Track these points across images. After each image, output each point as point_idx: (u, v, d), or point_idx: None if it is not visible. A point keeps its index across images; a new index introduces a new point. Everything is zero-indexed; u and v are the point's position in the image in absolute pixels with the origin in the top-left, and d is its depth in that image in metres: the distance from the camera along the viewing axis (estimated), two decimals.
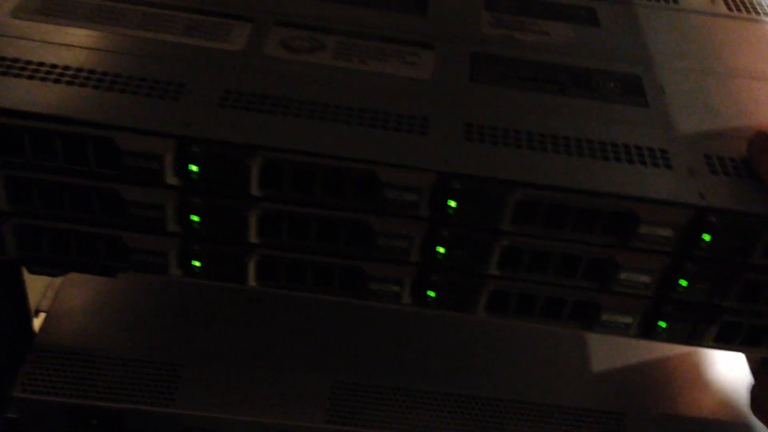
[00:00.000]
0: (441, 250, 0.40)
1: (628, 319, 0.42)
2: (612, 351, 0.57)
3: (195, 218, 0.39)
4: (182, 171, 0.37)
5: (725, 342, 0.43)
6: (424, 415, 0.51)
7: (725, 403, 0.55)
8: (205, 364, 0.51)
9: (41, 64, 0.39)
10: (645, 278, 0.40)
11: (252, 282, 0.42)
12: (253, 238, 0.40)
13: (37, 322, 0.54)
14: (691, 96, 0.45)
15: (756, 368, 0.49)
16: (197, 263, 0.41)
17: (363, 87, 0.42)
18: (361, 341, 0.55)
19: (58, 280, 0.55)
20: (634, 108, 0.43)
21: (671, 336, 0.43)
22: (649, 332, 0.43)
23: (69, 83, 0.38)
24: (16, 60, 0.39)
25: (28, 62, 0.39)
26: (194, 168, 0.37)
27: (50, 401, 0.48)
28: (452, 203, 0.38)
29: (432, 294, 0.42)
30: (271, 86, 0.40)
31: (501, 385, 0.53)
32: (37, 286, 0.57)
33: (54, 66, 0.39)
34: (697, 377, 0.57)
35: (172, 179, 0.38)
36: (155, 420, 0.49)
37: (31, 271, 0.41)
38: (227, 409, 0.50)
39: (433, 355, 0.55)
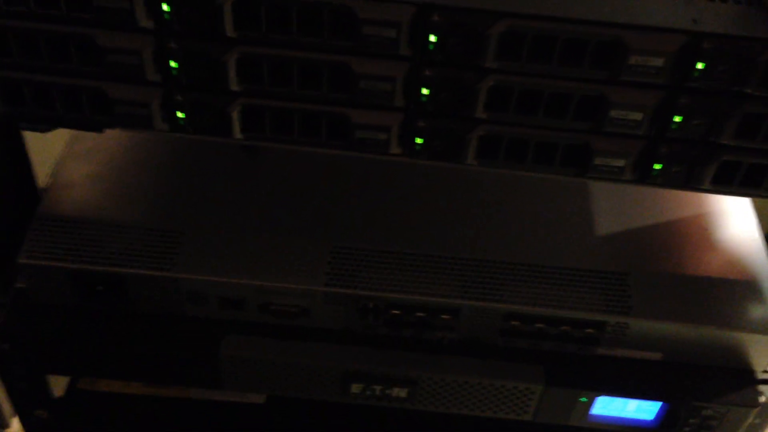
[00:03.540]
0: (425, 91, 0.39)
1: (621, 162, 0.41)
2: (616, 213, 0.56)
3: (173, 65, 0.39)
4: (156, 12, 0.37)
5: (724, 184, 0.42)
6: (425, 277, 0.51)
7: (730, 262, 0.54)
8: (204, 230, 0.52)
9: None
10: (637, 115, 0.39)
11: (237, 134, 0.42)
12: (234, 85, 0.39)
13: None
14: None
15: None
16: (181, 114, 0.41)
17: None
18: (359, 206, 0.55)
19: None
20: None
21: (667, 179, 0.42)
22: (644, 176, 0.42)
23: None
24: None
25: None
26: (166, 8, 0.36)
27: (54, 267, 0.50)
28: (433, 38, 0.37)
29: (420, 141, 0.42)
30: None
31: (501, 247, 0.53)
32: (43, 170, 0.57)
33: None
34: (702, 239, 0.56)
35: (146, 22, 0.37)
36: (158, 284, 0.50)
37: (20, 127, 0.41)
38: (228, 273, 0.50)
39: (433, 219, 0.54)
